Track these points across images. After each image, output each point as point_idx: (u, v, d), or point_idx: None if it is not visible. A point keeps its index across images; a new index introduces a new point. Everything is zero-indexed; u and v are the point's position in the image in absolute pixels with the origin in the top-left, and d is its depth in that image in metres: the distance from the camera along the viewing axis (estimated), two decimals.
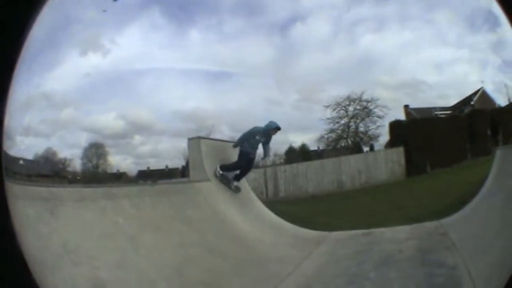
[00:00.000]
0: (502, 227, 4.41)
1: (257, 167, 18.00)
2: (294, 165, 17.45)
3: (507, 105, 15.96)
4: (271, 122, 7.56)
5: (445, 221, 6.83)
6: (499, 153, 6.72)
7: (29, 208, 2.75)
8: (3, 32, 1.64)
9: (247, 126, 7.42)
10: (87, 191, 3.98)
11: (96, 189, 4.22)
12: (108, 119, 21.44)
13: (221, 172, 7.23)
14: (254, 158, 7.59)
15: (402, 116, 19.99)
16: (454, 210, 6.95)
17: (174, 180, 9.40)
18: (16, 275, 1.72)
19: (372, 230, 7.39)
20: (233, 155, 7.68)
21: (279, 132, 7.42)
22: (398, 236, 6.79)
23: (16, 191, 2.13)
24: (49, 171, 20.04)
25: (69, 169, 21.26)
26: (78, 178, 21.50)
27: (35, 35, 1.73)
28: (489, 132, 15.33)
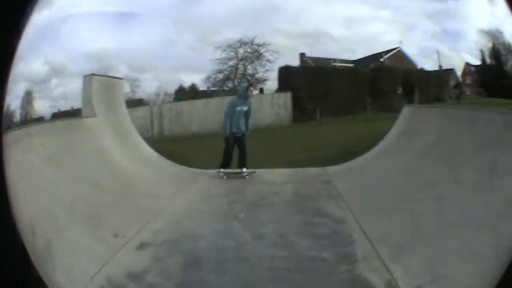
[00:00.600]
0: (406, 188, 3.96)
1: (145, 104, 16.99)
2: (180, 103, 16.82)
3: (435, 70, 16.88)
4: (241, 86, 7.74)
5: (330, 169, 6.32)
6: (406, 110, 6.36)
7: None
8: (3, 23, 1.66)
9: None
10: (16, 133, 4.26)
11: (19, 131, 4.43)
12: (37, 66, 17.35)
13: (222, 170, 6.94)
14: (242, 135, 7.08)
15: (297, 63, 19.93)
16: (342, 161, 6.47)
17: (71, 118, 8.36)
18: (16, 266, 1.72)
19: (248, 170, 6.88)
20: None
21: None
22: (275, 179, 6.51)
23: None
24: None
25: (14, 120, 17.23)
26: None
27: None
28: (400, 91, 16.01)
